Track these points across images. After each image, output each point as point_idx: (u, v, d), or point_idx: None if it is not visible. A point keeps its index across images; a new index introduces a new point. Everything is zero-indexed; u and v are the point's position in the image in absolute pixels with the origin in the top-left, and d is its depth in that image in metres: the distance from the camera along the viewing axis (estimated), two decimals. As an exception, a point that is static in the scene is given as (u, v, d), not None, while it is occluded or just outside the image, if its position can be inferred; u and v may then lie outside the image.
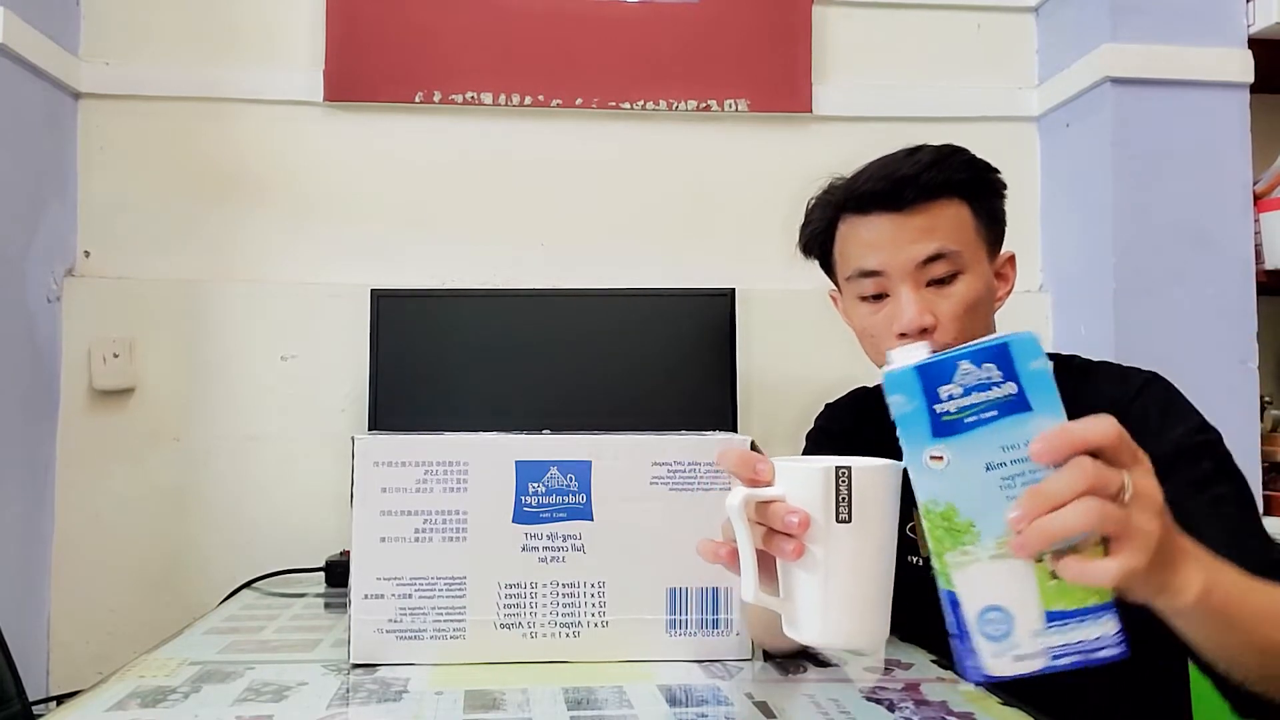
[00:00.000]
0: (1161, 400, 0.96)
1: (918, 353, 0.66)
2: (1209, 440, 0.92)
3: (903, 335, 0.98)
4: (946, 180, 0.98)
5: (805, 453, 1.19)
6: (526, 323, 1.61)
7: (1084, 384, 1.01)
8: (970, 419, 0.63)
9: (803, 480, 0.70)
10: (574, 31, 1.80)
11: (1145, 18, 1.66)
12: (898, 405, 0.64)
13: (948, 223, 0.98)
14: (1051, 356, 1.05)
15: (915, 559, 1.04)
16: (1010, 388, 0.62)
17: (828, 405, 1.26)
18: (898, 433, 0.65)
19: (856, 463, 0.69)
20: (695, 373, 1.59)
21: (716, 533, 0.76)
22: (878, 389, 1.14)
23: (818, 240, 1.08)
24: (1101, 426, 0.61)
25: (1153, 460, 0.87)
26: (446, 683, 0.90)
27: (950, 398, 0.63)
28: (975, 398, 0.63)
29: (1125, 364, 1.04)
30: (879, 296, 1.00)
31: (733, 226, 1.82)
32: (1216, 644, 0.72)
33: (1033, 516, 0.60)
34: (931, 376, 0.63)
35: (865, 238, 1.00)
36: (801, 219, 1.10)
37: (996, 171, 1.03)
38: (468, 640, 0.96)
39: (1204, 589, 0.65)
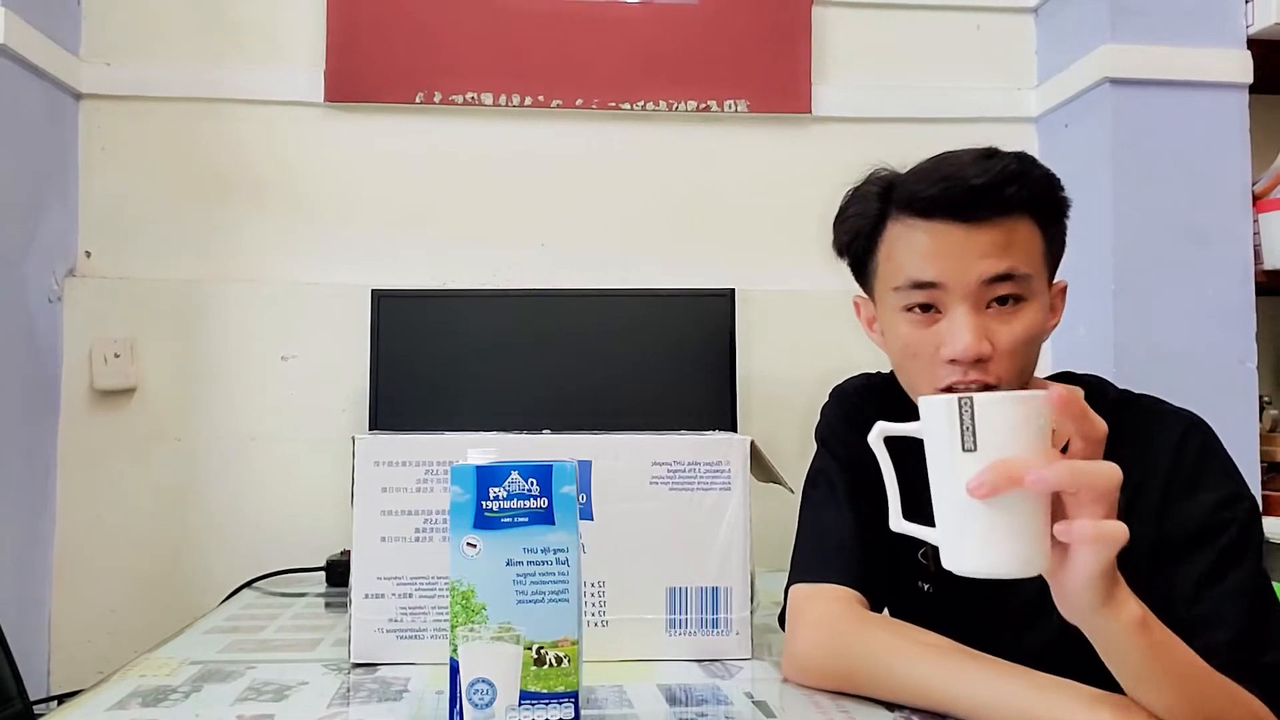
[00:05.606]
0: (1200, 452, 0.89)
1: (485, 455, 0.78)
2: (1236, 518, 0.86)
3: (953, 361, 0.87)
4: (1026, 198, 0.88)
5: (829, 441, 1.07)
6: (526, 323, 1.61)
7: (1121, 420, 0.83)
8: (506, 520, 0.76)
9: (927, 411, 0.69)
10: (574, 31, 1.80)
11: (1144, 18, 1.66)
12: (455, 494, 0.76)
13: (1021, 242, 0.88)
14: (1082, 381, 0.97)
15: (926, 586, 0.99)
16: (543, 502, 0.77)
17: (839, 390, 1.12)
18: (449, 517, 0.77)
19: (978, 395, 0.66)
20: (695, 373, 1.59)
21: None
22: (889, 377, 1.06)
23: (861, 239, 0.95)
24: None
25: (1181, 522, 0.85)
26: (447, 682, 0.90)
27: (496, 498, 0.76)
28: (514, 504, 0.76)
29: (1162, 401, 0.95)
30: (926, 308, 0.89)
31: (733, 226, 1.82)
32: (1149, 683, 0.71)
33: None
34: (486, 477, 0.76)
35: (924, 245, 0.88)
36: (837, 212, 0.99)
37: (1063, 189, 0.95)
38: (468, 640, 0.96)
39: (1144, 615, 0.68)
